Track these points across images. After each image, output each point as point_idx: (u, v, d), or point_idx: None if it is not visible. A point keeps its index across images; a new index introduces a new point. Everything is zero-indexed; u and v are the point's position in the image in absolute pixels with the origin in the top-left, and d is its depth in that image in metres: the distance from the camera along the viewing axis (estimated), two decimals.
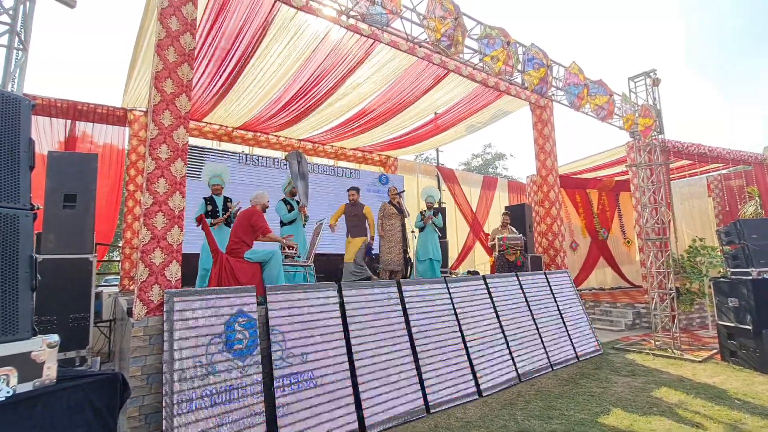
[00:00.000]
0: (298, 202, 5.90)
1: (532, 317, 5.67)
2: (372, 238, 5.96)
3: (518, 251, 6.99)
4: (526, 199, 10.87)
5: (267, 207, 4.88)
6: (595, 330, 6.89)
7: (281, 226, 5.89)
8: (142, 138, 7.48)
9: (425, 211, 6.86)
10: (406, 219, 6.49)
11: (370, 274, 5.94)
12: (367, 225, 6.16)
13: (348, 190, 6.39)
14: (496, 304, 5.39)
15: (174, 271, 3.59)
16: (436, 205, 7.11)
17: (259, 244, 5.00)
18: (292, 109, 7.73)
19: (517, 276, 5.97)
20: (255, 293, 3.76)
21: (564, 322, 6.00)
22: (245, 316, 3.58)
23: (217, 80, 6.59)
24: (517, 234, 7.26)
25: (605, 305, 8.98)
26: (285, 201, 5.93)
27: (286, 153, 8.37)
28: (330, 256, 7.91)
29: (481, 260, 11.85)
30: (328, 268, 7.92)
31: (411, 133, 9.42)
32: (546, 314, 5.88)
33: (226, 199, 5.62)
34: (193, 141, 8.30)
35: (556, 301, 6.16)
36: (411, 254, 6.74)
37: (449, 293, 5.01)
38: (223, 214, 5.46)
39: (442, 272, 7.47)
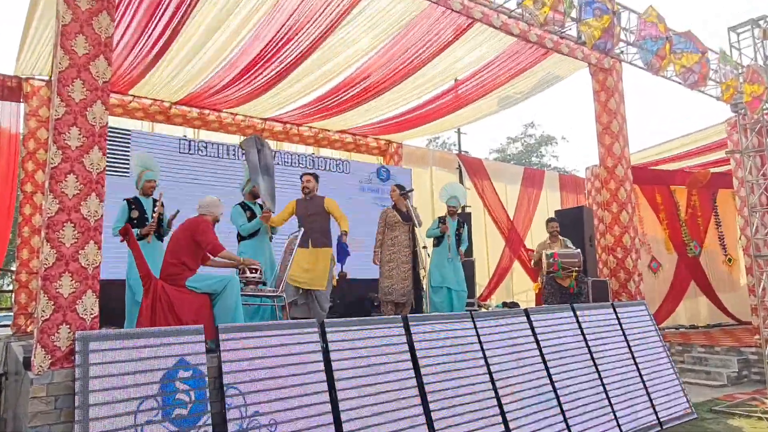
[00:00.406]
0: (261, 207, 5.90)
1: (595, 367, 5.68)
2: (345, 234, 5.94)
3: (574, 273, 7.01)
4: (584, 200, 10.85)
5: (218, 220, 4.88)
6: (685, 385, 6.86)
7: (239, 241, 5.87)
8: (44, 118, 7.53)
9: (445, 217, 6.83)
10: (416, 229, 6.51)
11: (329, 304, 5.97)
12: (330, 228, 6.14)
13: (301, 177, 6.30)
14: (544, 349, 5.41)
15: (89, 305, 3.61)
16: (460, 210, 7.22)
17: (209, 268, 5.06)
18: (254, 75, 7.75)
19: (573, 309, 5.97)
20: (203, 336, 3.73)
21: (640, 374, 6.00)
22: (189, 368, 3.56)
23: (149, 36, 6.58)
24: (573, 249, 7.30)
25: (699, 350, 8.98)
26: (243, 206, 5.91)
27: (243, 138, 8.34)
28: None
29: (521, 287, 11.74)
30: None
31: (421, 108, 9.36)
32: (614, 363, 5.89)
33: (156, 202, 5.60)
34: (114, 122, 8.22)
35: (628, 345, 6.19)
36: (424, 280, 6.78)
37: (477, 335, 4.99)
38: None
39: (467, 305, 7.42)
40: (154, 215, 5.39)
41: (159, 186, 5.72)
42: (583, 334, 5.83)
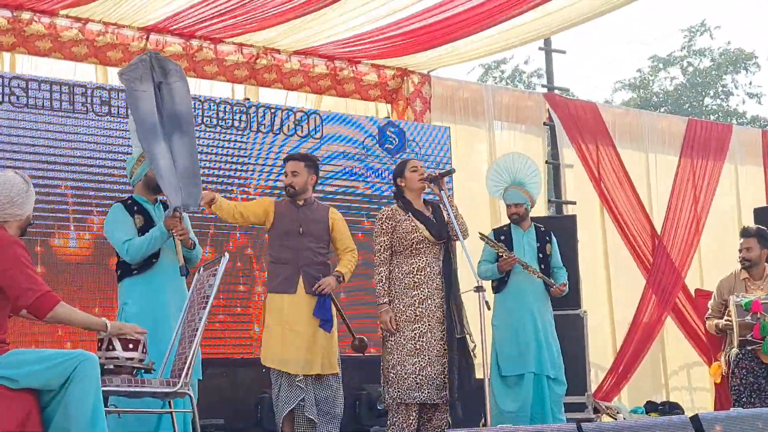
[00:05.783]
0: (167, 207, 5.91)
1: None
2: (342, 278, 6.28)
3: None
4: None
5: (29, 223, 4.68)
6: None
7: (119, 279, 5.88)
8: None
9: (507, 229, 7.34)
10: (458, 249, 6.50)
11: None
12: (326, 257, 6.46)
13: (285, 162, 6.80)
14: None
15: None
16: (531, 208, 7.45)
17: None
18: None
19: None
20: None
21: None
22: None
23: None
24: None
25: None
26: (130, 205, 6.00)
27: (123, 66, 8.10)
28: (241, 360, 8.50)
29: (679, 362, 11.41)
30: (236, 393, 8.04)
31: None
32: None
33: None
34: None
35: None
36: (477, 351, 6.41)
37: None
38: None
39: (567, 408, 7.62)
40: None
41: None
42: None
